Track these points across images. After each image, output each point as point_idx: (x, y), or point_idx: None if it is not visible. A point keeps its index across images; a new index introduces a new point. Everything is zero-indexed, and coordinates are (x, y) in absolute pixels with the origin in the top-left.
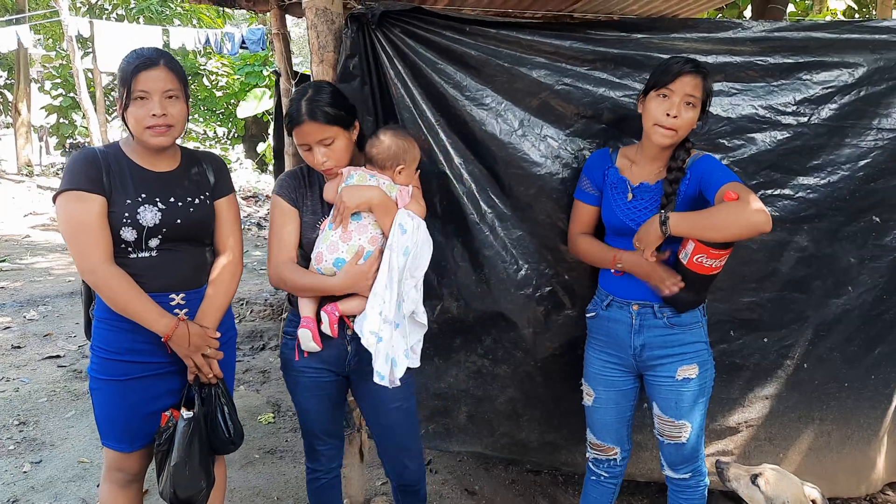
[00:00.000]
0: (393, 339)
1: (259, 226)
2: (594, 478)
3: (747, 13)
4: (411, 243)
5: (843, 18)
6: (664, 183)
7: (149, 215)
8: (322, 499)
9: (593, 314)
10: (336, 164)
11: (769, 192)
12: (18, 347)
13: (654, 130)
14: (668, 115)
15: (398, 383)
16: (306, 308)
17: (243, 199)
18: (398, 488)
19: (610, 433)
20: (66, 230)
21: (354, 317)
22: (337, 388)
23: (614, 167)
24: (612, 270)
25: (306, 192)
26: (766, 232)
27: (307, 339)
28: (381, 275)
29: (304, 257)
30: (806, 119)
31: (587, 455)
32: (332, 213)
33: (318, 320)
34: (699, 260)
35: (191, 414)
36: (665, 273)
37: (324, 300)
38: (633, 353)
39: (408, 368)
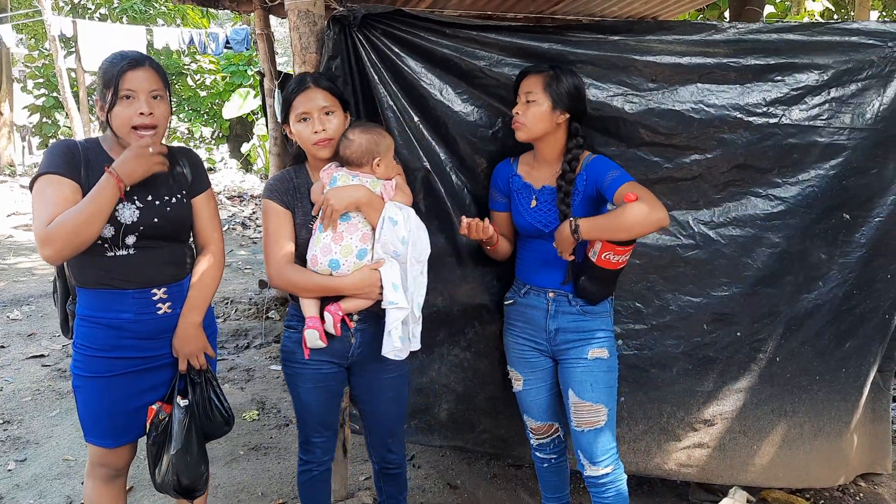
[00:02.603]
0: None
1: (244, 225)
2: (546, 465)
3: (727, 16)
4: (406, 232)
5: (819, 20)
6: (557, 201)
7: (127, 213)
8: (313, 491)
9: (511, 301)
10: (330, 137)
11: (741, 189)
12: (2, 347)
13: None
14: (514, 112)
15: (403, 356)
16: (311, 308)
17: (228, 198)
18: (382, 473)
19: (547, 411)
20: (35, 207)
21: (352, 315)
22: (338, 379)
23: (517, 175)
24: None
25: (296, 193)
26: (666, 227)
27: (314, 339)
28: (386, 266)
29: (299, 258)
30: (777, 119)
31: (532, 443)
32: (319, 215)
33: (321, 319)
34: (607, 257)
35: (186, 402)
36: None
37: (325, 300)
38: (547, 336)
39: (405, 359)
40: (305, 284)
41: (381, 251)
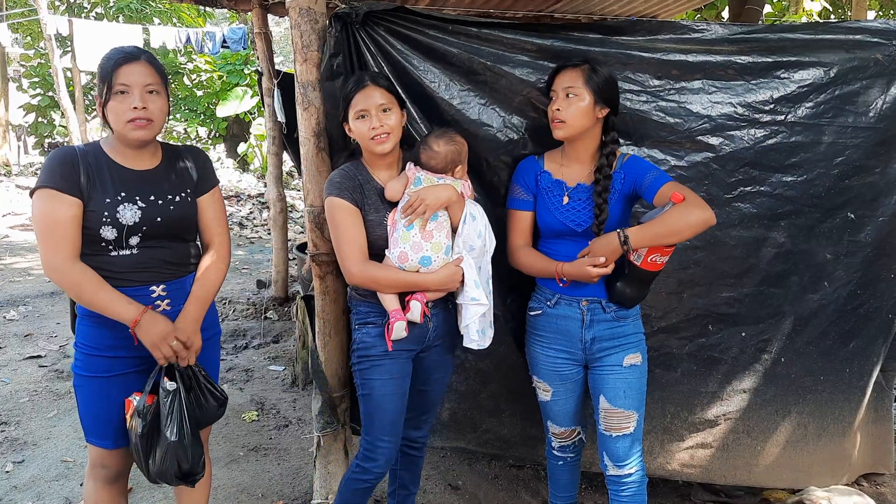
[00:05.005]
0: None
1: (241, 225)
2: (561, 462)
3: (725, 14)
4: (482, 226)
5: (818, 20)
6: (594, 195)
7: (128, 213)
8: (356, 499)
9: (539, 312)
10: (388, 131)
11: (748, 189)
12: None
13: (552, 128)
14: (553, 109)
15: (486, 345)
16: (394, 302)
17: (225, 198)
18: (402, 452)
19: (573, 418)
20: (38, 227)
21: (428, 302)
22: (408, 371)
23: (546, 172)
24: (559, 281)
25: (362, 190)
26: (713, 224)
27: (402, 330)
28: (466, 262)
29: (372, 255)
30: (783, 117)
31: (552, 445)
32: (402, 212)
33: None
34: (653, 259)
35: (174, 385)
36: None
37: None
38: (583, 346)
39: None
40: (390, 281)
41: (461, 246)
